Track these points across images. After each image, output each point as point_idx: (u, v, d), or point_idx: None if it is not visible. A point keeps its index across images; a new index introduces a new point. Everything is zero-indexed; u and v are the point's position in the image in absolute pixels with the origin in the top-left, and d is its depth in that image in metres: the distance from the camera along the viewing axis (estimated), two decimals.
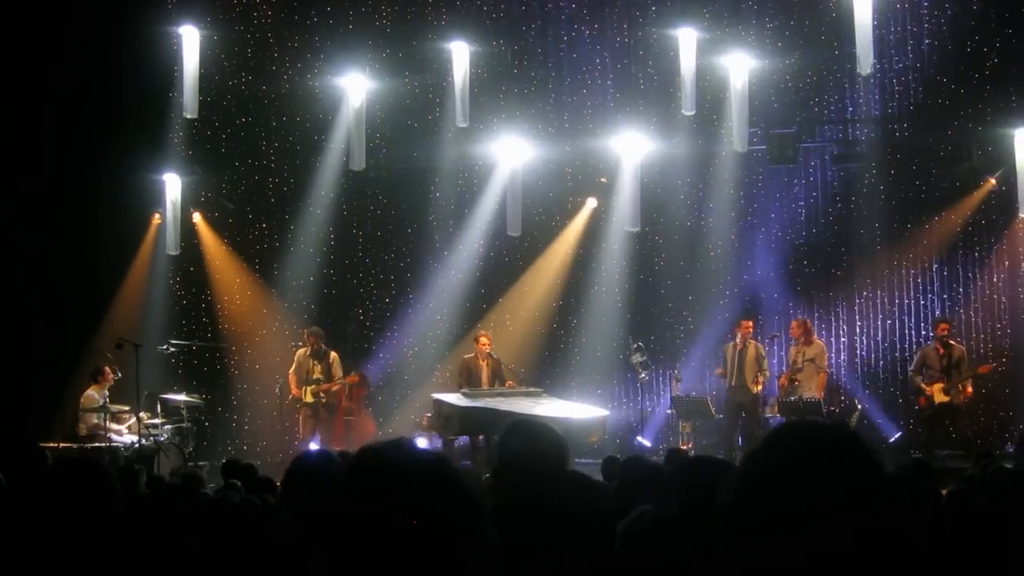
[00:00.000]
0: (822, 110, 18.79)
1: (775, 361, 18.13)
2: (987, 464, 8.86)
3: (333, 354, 17.73)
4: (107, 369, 16.38)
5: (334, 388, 17.57)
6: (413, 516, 2.20)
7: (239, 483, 7.91)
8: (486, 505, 2.32)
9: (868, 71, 16.31)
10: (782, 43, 18.36)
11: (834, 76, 18.46)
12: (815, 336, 17.10)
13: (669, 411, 17.93)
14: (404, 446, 2.39)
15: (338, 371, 17.66)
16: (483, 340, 17.37)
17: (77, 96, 18.14)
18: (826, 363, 16.95)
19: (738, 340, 17.08)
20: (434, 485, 2.27)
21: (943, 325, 16.67)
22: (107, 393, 16.26)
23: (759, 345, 17.23)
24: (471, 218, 19.53)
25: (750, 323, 17.39)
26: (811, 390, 16.56)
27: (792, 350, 17.11)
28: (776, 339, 18.27)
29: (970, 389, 16.42)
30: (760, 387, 16.88)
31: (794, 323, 17.25)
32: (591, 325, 19.56)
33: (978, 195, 18.15)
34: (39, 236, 17.71)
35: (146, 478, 10.70)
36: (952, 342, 16.57)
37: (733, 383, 16.99)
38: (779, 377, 17.12)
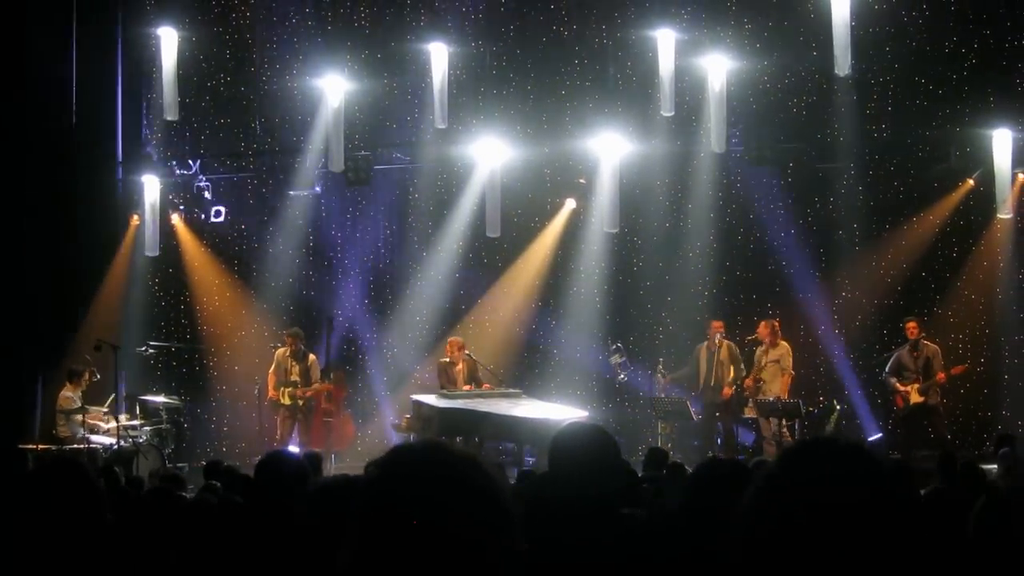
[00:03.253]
0: (800, 111, 18.82)
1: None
2: (959, 466, 8.91)
3: (312, 357, 17.67)
4: (84, 371, 16.34)
5: (309, 394, 17.51)
6: (446, 517, 2.20)
7: (218, 484, 7.90)
8: (517, 508, 2.32)
9: (846, 72, 16.35)
10: (760, 44, 18.40)
11: (812, 77, 18.49)
12: (781, 338, 17.08)
13: (649, 412, 17.92)
14: (438, 447, 2.38)
15: (316, 374, 17.60)
16: (450, 348, 17.34)
17: (56, 97, 18.08)
18: (791, 365, 16.94)
19: (714, 341, 17.15)
20: (469, 486, 2.27)
21: (911, 325, 16.68)
22: (80, 394, 16.21)
23: (732, 345, 17.28)
24: (450, 219, 19.49)
25: (720, 323, 17.45)
26: (775, 391, 16.57)
27: (758, 351, 17.13)
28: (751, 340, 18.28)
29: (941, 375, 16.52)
30: (732, 390, 16.97)
31: (762, 324, 17.18)
32: (570, 326, 19.56)
33: (956, 196, 18.20)
34: (17, 237, 17.61)
35: (125, 479, 10.69)
36: (925, 341, 16.64)
37: (712, 384, 17.05)
38: (745, 378, 17.14)
